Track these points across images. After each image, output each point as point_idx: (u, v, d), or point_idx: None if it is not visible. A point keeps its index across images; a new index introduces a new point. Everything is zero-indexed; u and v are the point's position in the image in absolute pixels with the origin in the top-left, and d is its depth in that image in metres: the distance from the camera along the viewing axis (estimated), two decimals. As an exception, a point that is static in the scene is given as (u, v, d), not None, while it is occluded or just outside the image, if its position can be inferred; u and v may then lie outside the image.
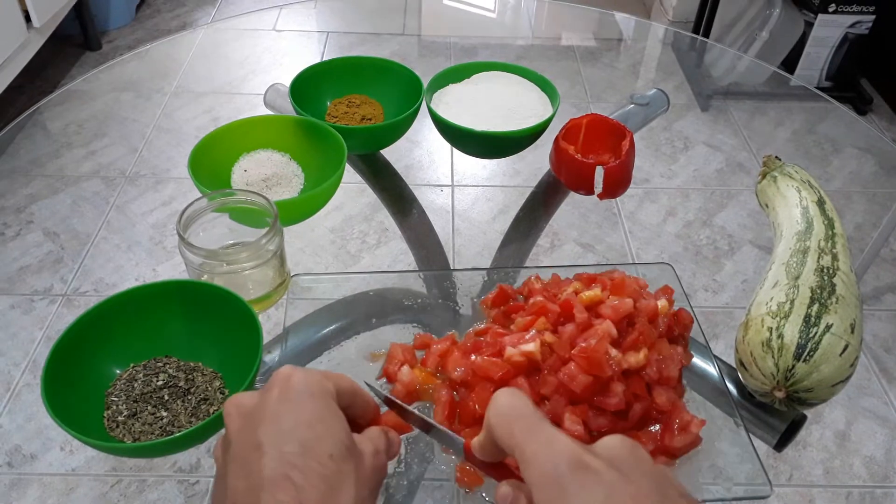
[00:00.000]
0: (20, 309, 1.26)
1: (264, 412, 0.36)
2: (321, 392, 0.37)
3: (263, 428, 0.35)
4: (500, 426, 0.35)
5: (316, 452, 0.35)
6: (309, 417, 0.36)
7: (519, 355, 0.50)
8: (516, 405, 0.35)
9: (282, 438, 0.35)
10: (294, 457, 0.34)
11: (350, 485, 0.35)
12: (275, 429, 0.35)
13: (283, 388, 0.37)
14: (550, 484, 0.31)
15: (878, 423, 1.14)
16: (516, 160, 1.10)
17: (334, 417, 0.37)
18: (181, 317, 0.58)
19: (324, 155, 0.73)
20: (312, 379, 0.38)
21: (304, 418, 0.36)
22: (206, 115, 1.66)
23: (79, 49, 2.25)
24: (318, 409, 0.36)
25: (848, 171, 1.55)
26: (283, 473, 0.33)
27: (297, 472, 0.34)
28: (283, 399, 0.36)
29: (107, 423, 0.53)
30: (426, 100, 0.79)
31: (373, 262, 1.26)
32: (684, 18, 2.46)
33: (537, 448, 0.32)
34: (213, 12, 2.50)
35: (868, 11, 1.98)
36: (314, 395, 0.37)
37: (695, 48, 1.77)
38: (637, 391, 0.51)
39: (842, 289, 0.57)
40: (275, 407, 0.36)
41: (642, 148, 1.51)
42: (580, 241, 1.30)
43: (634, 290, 0.56)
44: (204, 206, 0.61)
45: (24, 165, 1.53)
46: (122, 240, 1.37)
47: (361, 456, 0.37)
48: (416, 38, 1.84)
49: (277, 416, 0.36)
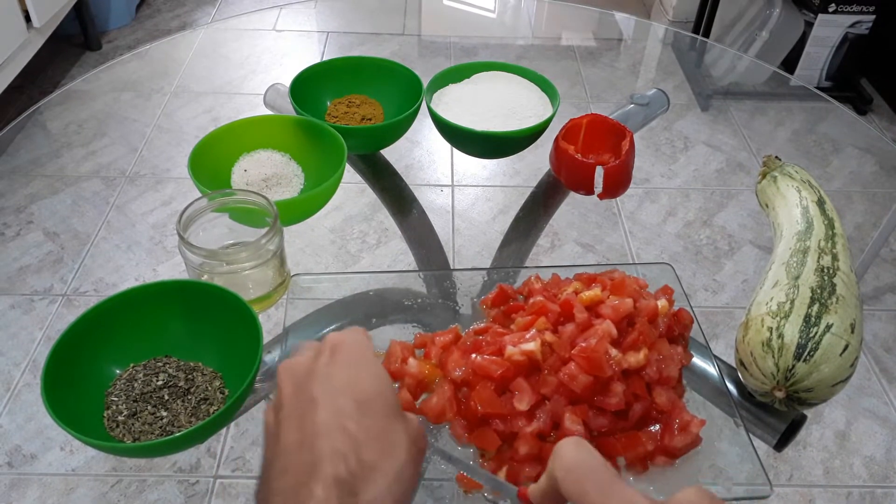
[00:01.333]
0: (20, 309, 1.26)
1: (316, 373, 0.37)
2: (369, 355, 0.39)
3: (317, 386, 0.36)
4: (569, 482, 0.34)
5: (371, 409, 0.36)
6: (360, 378, 0.37)
7: (519, 354, 0.50)
8: (585, 460, 0.34)
9: (336, 394, 0.36)
10: (349, 410, 0.35)
11: (403, 440, 0.36)
12: (328, 386, 0.36)
13: (335, 351, 0.38)
14: None
15: (878, 423, 1.14)
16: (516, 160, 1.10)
17: (385, 380, 0.38)
18: (181, 317, 0.58)
19: (324, 155, 0.73)
20: (363, 344, 0.39)
21: (356, 378, 0.37)
22: (206, 114, 1.67)
23: (79, 49, 2.25)
24: (369, 372, 0.38)
25: (848, 170, 1.55)
26: (340, 424, 0.34)
27: (353, 423, 0.35)
28: (335, 361, 0.38)
29: (107, 423, 0.53)
30: (426, 100, 0.79)
31: (373, 262, 1.26)
32: (684, 18, 2.46)
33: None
34: (213, 12, 2.50)
35: (868, 11, 1.98)
36: (365, 357, 0.38)
37: (695, 48, 1.77)
38: (637, 391, 0.51)
39: (842, 289, 0.57)
40: (327, 369, 0.37)
41: (642, 148, 1.51)
42: (580, 241, 1.30)
43: (634, 290, 0.56)
44: (204, 206, 0.61)
45: (24, 165, 1.53)
46: (122, 240, 1.37)
47: (407, 417, 0.38)
48: (416, 38, 1.84)
49: (330, 376, 0.37)
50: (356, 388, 0.36)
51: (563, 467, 0.34)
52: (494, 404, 0.50)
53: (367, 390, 0.36)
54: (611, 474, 0.34)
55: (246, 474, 1.06)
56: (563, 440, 0.36)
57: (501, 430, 0.49)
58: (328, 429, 0.34)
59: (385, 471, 0.34)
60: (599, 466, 0.34)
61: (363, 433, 0.34)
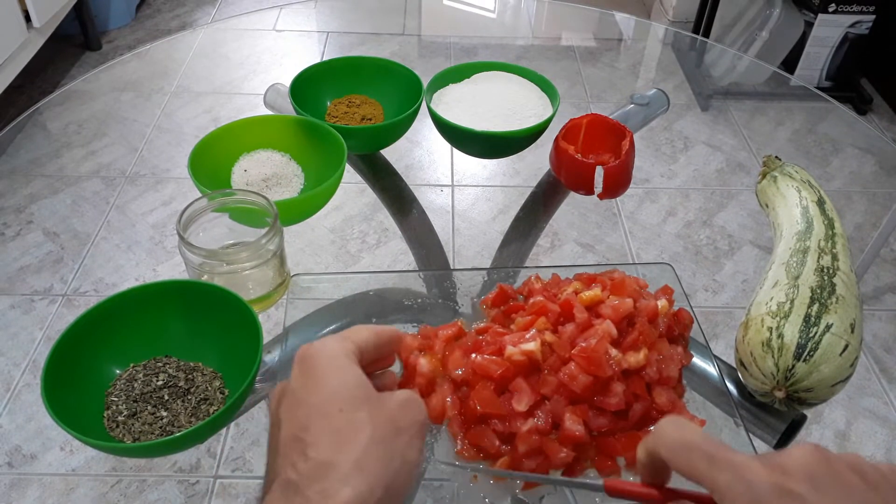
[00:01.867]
0: (20, 309, 1.26)
1: (286, 390, 0.38)
2: (334, 352, 0.39)
3: (283, 405, 0.38)
4: (677, 460, 0.34)
5: (325, 410, 0.36)
6: (318, 384, 0.37)
7: (519, 354, 0.50)
8: (686, 437, 0.35)
9: (295, 407, 0.37)
10: (305, 418, 0.36)
11: (364, 428, 0.35)
12: (291, 401, 0.37)
13: (301, 361, 0.39)
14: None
15: (878, 423, 1.14)
16: (516, 160, 1.10)
17: (345, 374, 0.38)
18: (181, 317, 0.58)
19: (324, 155, 0.73)
20: (327, 347, 0.39)
21: (313, 386, 0.37)
22: (206, 114, 1.67)
23: (79, 49, 2.25)
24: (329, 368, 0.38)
25: (848, 170, 1.55)
26: (294, 436, 0.35)
27: (307, 432, 0.35)
28: (300, 372, 0.38)
29: (107, 423, 0.53)
30: (426, 100, 0.79)
31: (373, 262, 1.26)
32: (684, 18, 2.46)
33: (730, 478, 0.32)
34: (213, 12, 2.50)
35: (868, 11, 1.98)
36: (326, 356, 0.38)
37: (695, 48, 1.77)
38: (637, 391, 0.51)
39: (842, 289, 0.57)
40: (294, 381, 0.38)
41: (642, 148, 1.51)
42: (580, 241, 1.30)
43: (634, 290, 0.56)
44: (204, 206, 0.61)
45: (24, 165, 1.53)
46: (122, 240, 1.37)
47: (382, 399, 0.38)
48: (416, 38, 1.84)
49: (293, 391, 0.38)
50: (313, 395, 0.37)
51: (668, 448, 0.35)
52: (494, 404, 0.50)
53: (325, 392, 0.37)
54: (714, 444, 0.34)
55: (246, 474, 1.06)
56: (662, 421, 0.36)
57: (500, 431, 0.49)
58: (286, 445, 0.36)
59: (338, 463, 0.34)
60: (700, 439, 0.34)
61: (314, 435, 0.35)
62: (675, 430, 0.35)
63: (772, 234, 0.70)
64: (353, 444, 0.35)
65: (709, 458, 0.33)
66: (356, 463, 0.34)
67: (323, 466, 0.34)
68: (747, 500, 0.31)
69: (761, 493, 0.31)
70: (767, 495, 0.31)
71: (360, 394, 0.37)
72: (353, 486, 0.33)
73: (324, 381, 0.37)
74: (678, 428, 0.35)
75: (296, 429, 0.36)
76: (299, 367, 0.39)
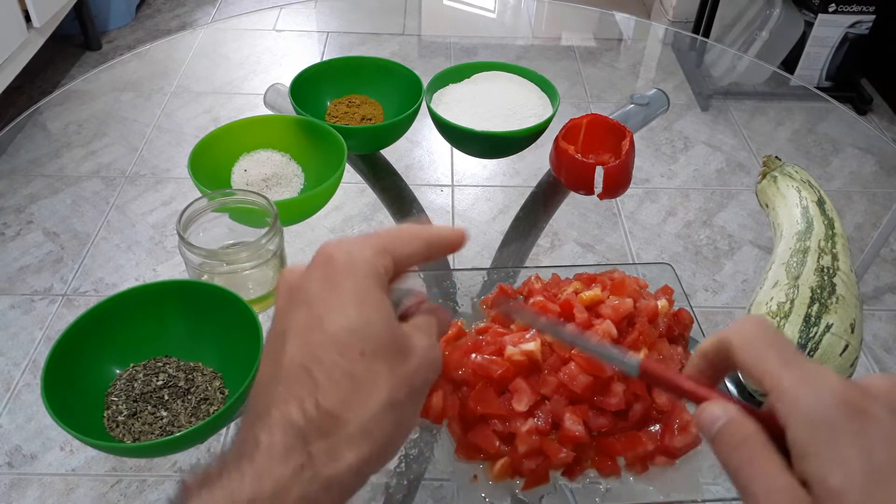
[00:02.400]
0: (20, 309, 1.26)
1: (300, 293, 0.33)
2: (366, 274, 0.33)
3: (295, 312, 0.32)
4: (748, 351, 0.31)
5: (346, 345, 0.31)
6: (345, 304, 0.32)
7: (519, 354, 0.50)
8: (769, 333, 0.31)
9: (311, 325, 0.32)
10: (320, 348, 0.31)
11: (381, 386, 0.31)
12: (305, 313, 0.32)
13: (324, 267, 0.33)
14: (819, 425, 0.27)
15: (878, 423, 1.14)
16: (516, 160, 1.10)
17: (376, 307, 0.32)
18: (181, 317, 0.58)
19: (324, 155, 0.73)
20: (359, 257, 0.33)
21: (339, 305, 0.32)
22: (206, 114, 1.66)
23: (79, 49, 2.25)
24: (357, 296, 0.32)
25: (848, 170, 1.55)
26: (304, 366, 0.31)
27: (320, 366, 0.31)
28: (321, 278, 0.33)
29: (107, 423, 0.53)
30: (426, 100, 0.79)
31: (373, 262, 1.25)
32: (684, 18, 2.46)
33: (800, 383, 0.29)
34: (213, 12, 2.50)
35: (868, 11, 1.98)
36: (357, 277, 0.33)
37: (695, 48, 1.77)
38: (637, 391, 0.51)
39: (842, 289, 0.57)
40: (311, 287, 0.33)
41: (642, 148, 1.51)
42: (580, 241, 1.30)
43: (634, 290, 0.56)
44: (204, 206, 0.61)
45: (24, 165, 1.53)
46: (122, 240, 1.37)
47: (405, 353, 0.33)
48: (416, 38, 1.84)
49: (310, 300, 0.32)
50: (336, 318, 0.32)
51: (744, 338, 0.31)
52: (493, 404, 0.50)
53: (351, 321, 0.31)
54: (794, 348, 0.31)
55: (246, 474, 1.05)
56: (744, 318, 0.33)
57: (500, 431, 0.49)
58: (291, 373, 0.31)
59: (347, 421, 0.30)
60: (783, 340, 0.31)
61: (326, 375, 0.30)
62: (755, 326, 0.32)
63: (772, 234, 0.70)
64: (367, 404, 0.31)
65: (783, 357, 0.30)
66: (364, 426, 0.30)
67: (331, 419, 0.30)
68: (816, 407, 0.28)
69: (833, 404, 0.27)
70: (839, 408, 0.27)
71: (386, 339, 0.32)
72: (357, 452, 0.30)
73: (348, 307, 0.32)
74: (760, 325, 0.32)
75: (306, 357, 0.31)
76: (322, 272, 0.33)
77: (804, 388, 0.28)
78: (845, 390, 0.28)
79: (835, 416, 0.27)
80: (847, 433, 0.27)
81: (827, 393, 0.28)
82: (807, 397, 0.28)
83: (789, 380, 0.29)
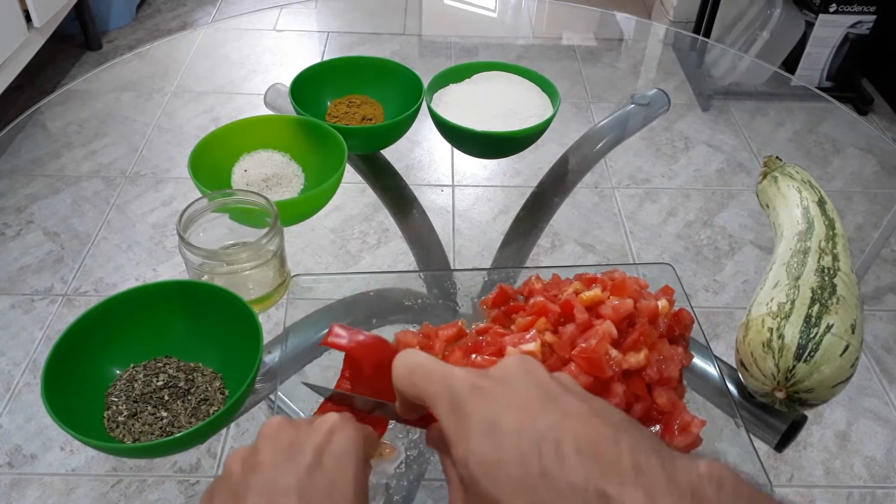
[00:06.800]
0: (20, 309, 1.26)
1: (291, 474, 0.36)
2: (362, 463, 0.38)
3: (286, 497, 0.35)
4: (403, 385, 0.36)
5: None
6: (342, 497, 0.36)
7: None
8: (409, 360, 0.36)
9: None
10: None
11: None
12: None
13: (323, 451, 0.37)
14: (452, 411, 0.33)
15: (878, 423, 1.14)
16: (516, 160, 1.10)
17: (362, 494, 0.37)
18: (181, 317, 0.58)
19: (324, 155, 0.73)
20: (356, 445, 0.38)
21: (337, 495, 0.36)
22: (207, 114, 1.67)
23: (79, 49, 2.25)
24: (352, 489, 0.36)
25: (849, 171, 1.55)
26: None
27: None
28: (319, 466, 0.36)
29: (107, 423, 0.53)
30: (426, 100, 0.79)
31: (373, 262, 1.26)
32: (685, 18, 2.46)
33: (437, 387, 0.34)
34: (214, 12, 2.50)
35: (869, 11, 1.98)
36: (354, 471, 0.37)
37: (695, 48, 1.77)
38: (637, 391, 0.51)
39: (842, 289, 0.57)
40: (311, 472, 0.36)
41: (643, 148, 1.51)
42: (581, 241, 1.30)
43: (635, 291, 0.56)
44: (204, 206, 0.61)
45: (24, 165, 1.53)
46: (122, 240, 1.37)
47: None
48: (416, 38, 1.84)
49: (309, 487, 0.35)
50: None
51: (397, 376, 0.36)
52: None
53: None
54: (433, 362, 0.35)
55: (246, 474, 1.05)
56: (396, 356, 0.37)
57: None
58: None
59: None
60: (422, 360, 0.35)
61: None
62: (401, 357, 0.36)
63: (772, 235, 0.70)
64: None
65: (425, 376, 0.35)
66: None
67: None
68: (446, 400, 0.33)
69: (458, 390, 0.33)
70: (462, 392, 0.32)
71: None
72: None
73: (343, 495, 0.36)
74: (404, 355, 0.36)
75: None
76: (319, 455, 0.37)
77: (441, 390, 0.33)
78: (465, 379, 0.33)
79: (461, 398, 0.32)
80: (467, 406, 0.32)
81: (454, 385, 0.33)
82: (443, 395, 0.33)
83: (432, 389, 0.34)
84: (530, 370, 0.34)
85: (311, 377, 0.58)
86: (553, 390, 0.32)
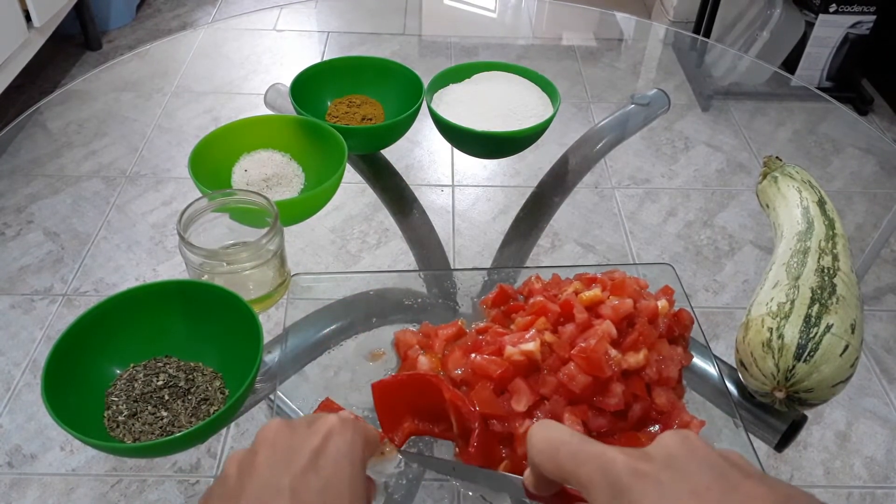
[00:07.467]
0: (20, 309, 1.26)
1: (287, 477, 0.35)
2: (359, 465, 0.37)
3: None
4: (545, 463, 0.34)
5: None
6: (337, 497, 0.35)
7: (519, 354, 0.50)
8: (552, 436, 0.34)
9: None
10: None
11: None
12: None
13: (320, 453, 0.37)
14: (614, 500, 0.30)
15: (878, 423, 1.14)
16: (517, 160, 1.10)
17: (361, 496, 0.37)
18: (181, 317, 0.58)
19: (324, 155, 0.73)
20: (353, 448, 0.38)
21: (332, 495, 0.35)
22: (207, 114, 1.67)
23: (79, 49, 2.25)
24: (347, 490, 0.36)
25: (849, 171, 1.55)
26: None
27: None
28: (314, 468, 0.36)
29: (107, 423, 0.53)
30: (427, 100, 0.79)
31: (373, 262, 1.26)
32: (685, 18, 2.46)
33: (590, 470, 0.32)
34: (214, 12, 2.50)
35: (869, 12, 1.98)
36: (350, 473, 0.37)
37: (695, 48, 1.76)
38: (637, 391, 0.51)
39: (842, 289, 0.57)
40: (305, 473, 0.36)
41: (643, 148, 1.51)
42: (581, 241, 1.30)
43: (635, 291, 0.56)
44: (204, 206, 0.61)
45: (24, 165, 1.53)
46: (122, 240, 1.37)
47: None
48: (416, 38, 1.83)
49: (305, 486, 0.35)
50: None
51: (537, 452, 0.35)
52: (493, 404, 0.50)
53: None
54: (578, 439, 0.33)
55: (246, 474, 1.05)
56: (532, 427, 0.36)
57: (499, 431, 0.49)
58: None
59: None
60: (566, 437, 0.34)
61: None
62: (541, 433, 0.35)
63: (772, 235, 0.70)
64: None
65: (573, 455, 0.33)
66: None
67: None
68: (606, 486, 0.31)
69: (618, 476, 0.31)
70: (623, 477, 0.30)
71: None
72: None
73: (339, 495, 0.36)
74: (543, 429, 0.35)
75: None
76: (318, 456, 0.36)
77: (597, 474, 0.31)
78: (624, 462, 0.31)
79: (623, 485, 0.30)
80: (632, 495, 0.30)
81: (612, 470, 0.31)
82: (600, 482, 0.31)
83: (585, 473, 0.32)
84: (695, 449, 0.31)
85: (311, 377, 0.58)
86: (729, 474, 0.30)
